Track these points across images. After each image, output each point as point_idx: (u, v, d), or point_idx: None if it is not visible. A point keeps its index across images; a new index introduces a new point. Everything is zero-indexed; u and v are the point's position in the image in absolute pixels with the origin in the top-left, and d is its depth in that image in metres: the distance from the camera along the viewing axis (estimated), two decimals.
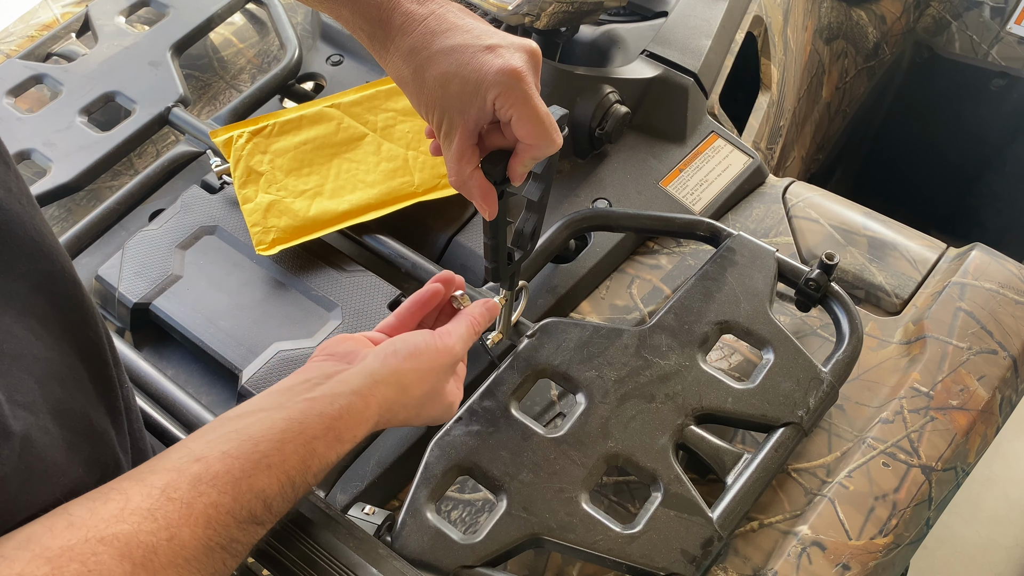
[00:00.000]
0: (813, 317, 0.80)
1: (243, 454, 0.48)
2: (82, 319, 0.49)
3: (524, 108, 0.57)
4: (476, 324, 0.64)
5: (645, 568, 0.60)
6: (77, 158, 0.93)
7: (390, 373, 0.57)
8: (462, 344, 0.62)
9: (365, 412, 0.55)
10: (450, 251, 0.86)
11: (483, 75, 0.57)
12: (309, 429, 0.51)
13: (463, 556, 0.59)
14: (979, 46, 1.47)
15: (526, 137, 0.58)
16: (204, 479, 0.46)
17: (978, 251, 0.82)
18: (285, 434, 0.50)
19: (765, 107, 1.10)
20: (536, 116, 0.58)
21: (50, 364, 0.46)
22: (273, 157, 0.87)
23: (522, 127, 0.58)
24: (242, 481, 0.47)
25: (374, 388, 0.56)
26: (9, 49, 1.09)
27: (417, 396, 0.59)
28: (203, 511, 0.45)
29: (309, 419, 0.52)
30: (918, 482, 0.68)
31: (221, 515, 0.45)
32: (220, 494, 0.46)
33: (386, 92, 0.90)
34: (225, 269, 0.83)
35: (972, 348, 0.75)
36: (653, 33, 0.96)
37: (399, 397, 0.58)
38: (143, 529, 0.42)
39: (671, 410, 0.66)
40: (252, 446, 0.48)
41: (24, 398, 0.43)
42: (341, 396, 0.54)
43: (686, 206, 0.88)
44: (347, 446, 0.53)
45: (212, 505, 0.45)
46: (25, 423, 0.42)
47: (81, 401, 0.48)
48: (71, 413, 0.47)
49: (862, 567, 0.64)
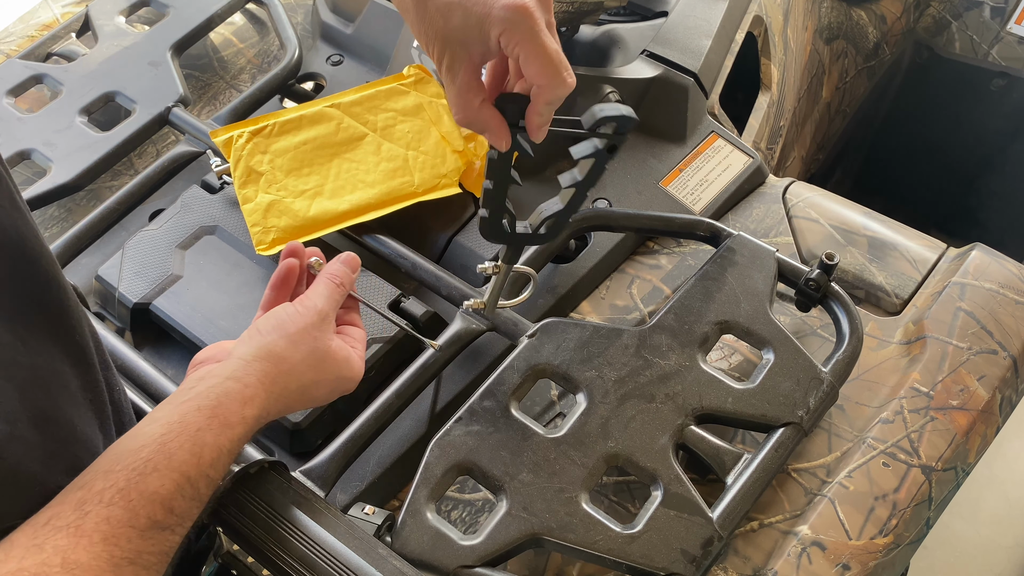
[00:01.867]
0: (813, 317, 0.80)
1: (126, 466, 0.47)
2: (68, 324, 0.49)
3: (531, 46, 0.54)
4: (335, 278, 0.64)
5: (645, 568, 0.60)
6: (77, 158, 0.93)
7: (259, 348, 0.57)
8: (323, 300, 0.62)
9: (245, 392, 0.54)
10: (450, 251, 0.87)
11: (488, 9, 0.54)
12: (190, 424, 0.51)
13: (463, 556, 0.59)
14: (979, 46, 1.47)
15: (534, 76, 0.55)
16: (88, 499, 0.45)
17: (978, 251, 0.82)
18: (166, 436, 0.49)
19: (765, 107, 1.10)
20: (544, 54, 0.54)
21: (34, 371, 0.46)
22: (273, 157, 0.87)
23: (529, 66, 0.55)
24: (130, 490, 0.46)
25: (248, 367, 0.56)
26: (9, 49, 1.09)
27: (299, 361, 0.58)
28: (95, 528, 0.44)
29: (188, 416, 0.51)
30: (918, 482, 0.68)
31: (117, 528, 0.44)
32: (109, 507, 0.45)
33: (386, 92, 0.90)
34: (225, 269, 0.83)
35: (972, 348, 0.75)
36: (653, 33, 0.96)
37: (279, 366, 0.57)
38: (26, 565, 0.41)
39: (671, 410, 0.66)
40: (133, 456, 0.48)
41: (2, 406, 0.42)
42: (216, 385, 0.54)
43: (686, 206, 0.88)
44: (239, 429, 0.53)
45: (104, 520, 0.44)
46: (0, 433, 0.42)
47: (66, 408, 0.48)
48: (54, 421, 0.46)
49: (862, 567, 0.64)
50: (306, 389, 0.59)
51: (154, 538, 0.46)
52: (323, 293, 0.62)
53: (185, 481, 0.48)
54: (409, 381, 0.71)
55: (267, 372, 0.56)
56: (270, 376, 0.56)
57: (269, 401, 0.56)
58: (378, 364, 0.75)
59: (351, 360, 0.63)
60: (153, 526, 0.46)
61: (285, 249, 0.67)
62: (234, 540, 0.59)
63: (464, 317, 0.76)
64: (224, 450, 0.52)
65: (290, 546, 0.57)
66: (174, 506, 0.47)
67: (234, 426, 0.53)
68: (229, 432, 0.52)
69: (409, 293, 0.79)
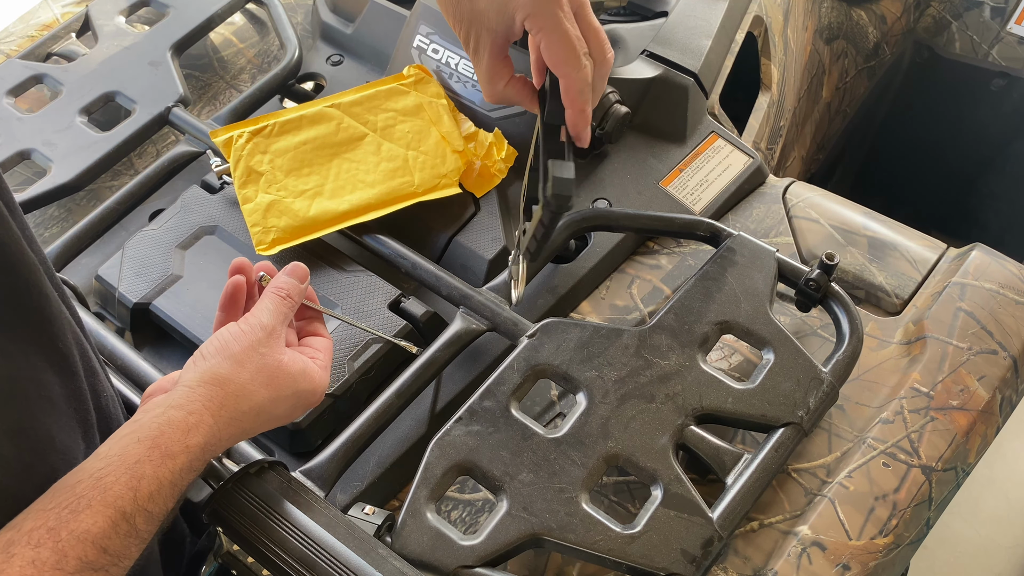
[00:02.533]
0: (813, 317, 0.80)
1: (59, 503, 0.45)
2: (50, 332, 0.48)
3: (553, 34, 0.54)
4: (280, 291, 0.61)
5: (645, 568, 0.60)
6: (77, 158, 0.93)
7: (203, 373, 0.55)
8: (268, 314, 0.59)
9: (189, 419, 0.52)
10: (450, 251, 0.87)
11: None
12: (129, 456, 0.48)
13: (463, 556, 0.59)
14: (979, 46, 1.47)
15: (551, 63, 0.56)
16: (16, 541, 0.43)
17: (978, 251, 0.82)
18: (103, 470, 0.47)
19: (765, 107, 1.10)
20: (563, 41, 0.55)
21: (12, 381, 0.45)
22: (273, 157, 0.87)
23: (548, 52, 0.55)
24: (59, 528, 0.44)
25: (191, 394, 0.53)
26: (9, 49, 1.09)
27: (247, 380, 0.56)
28: (20, 572, 0.41)
29: (128, 448, 0.49)
30: (918, 482, 0.68)
31: (43, 571, 0.42)
32: (37, 548, 0.43)
33: (386, 92, 0.90)
34: (225, 269, 0.82)
35: (972, 348, 0.75)
36: (653, 33, 0.96)
37: (226, 388, 0.55)
38: None
39: (671, 410, 0.66)
40: (68, 492, 0.46)
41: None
42: (158, 415, 0.51)
43: (686, 206, 0.88)
44: (182, 459, 0.50)
45: (30, 563, 0.42)
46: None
47: (43, 419, 0.47)
48: (30, 432, 0.45)
49: (862, 567, 0.64)
50: (262, 409, 0.57)
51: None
52: (268, 308, 0.60)
53: (120, 517, 0.46)
54: (409, 381, 0.71)
55: (213, 397, 0.54)
56: (216, 400, 0.54)
57: (219, 426, 0.53)
58: (378, 364, 0.75)
59: (308, 372, 0.60)
60: (83, 568, 0.43)
61: (232, 266, 0.65)
62: (234, 540, 0.59)
63: (464, 317, 0.76)
64: (165, 482, 0.49)
65: (290, 546, 0.57)
66: (107, 545, 0.45)
67: (176, 456, 0.50)
68: (171, 463, 0.49)
69: (409, 293, 0.79)
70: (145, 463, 0.48)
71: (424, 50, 0.93)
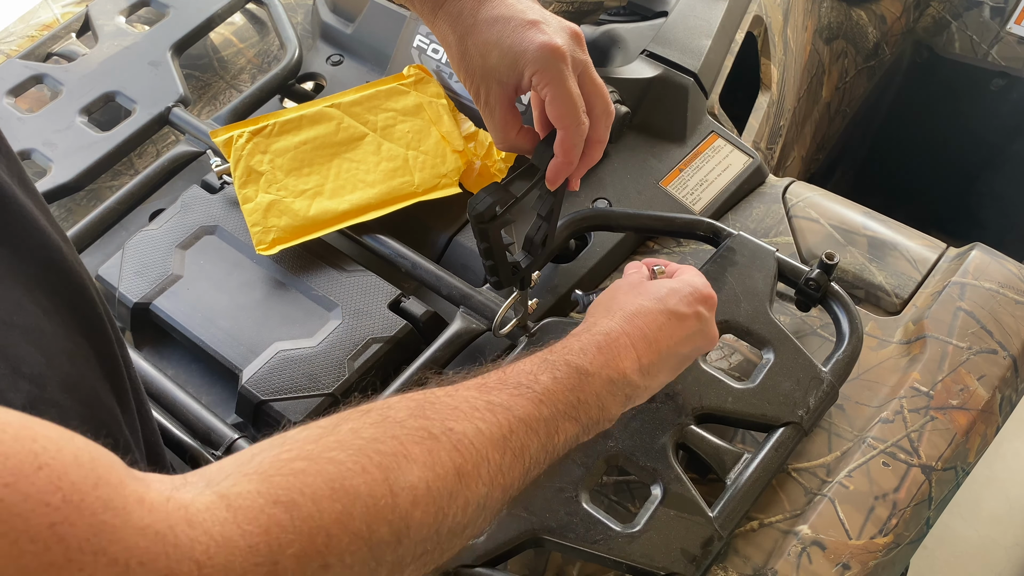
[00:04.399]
0: (813, 317, 0.80)
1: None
2: (84, 298, 0.49)
3: (558, 89, 0.58)
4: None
5: (645, 568, 0.60)
6: (77, 158, 0.93)
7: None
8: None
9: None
10: (450, 251, 0.87)
11: (523, 49, 0.58)
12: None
13: (462, 556, 0.59)
14: (979, 46, 1.47)
15: (553, 116, 0.59)
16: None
17: (978, 251, 0.82)
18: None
19: (765, 107, 1.10)
20: (567, 99, 0.58)
21: (58, 339, 0.46)
22: (273, 157, 0.87)
23: (552, 108, 0.59)
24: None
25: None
26: (9, 49, 1.09)
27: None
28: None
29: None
30: (918, 482, 0.68)
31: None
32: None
33: (386, 92, 0.90)
34: (225, 269, 0.83)
35: (972, 348, 0.75)
36: (653, 33, 0.96)
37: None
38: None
39: (671, 410, 0.66)
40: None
41: (30, 370, 0.42)
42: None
43: (686, 206, 0.88)
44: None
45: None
46: (28, 395, 0.42)
47: (89, 376, 0.48)
48: (81, 387, 0.46)
49: (862, 567, 0.64)
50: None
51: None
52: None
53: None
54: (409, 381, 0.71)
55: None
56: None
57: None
58: (378, 364, 0.75)
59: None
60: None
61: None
62: None
63: (464, 317, 0.76)
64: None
65: None
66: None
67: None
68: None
69: (409, 293, 0.79)
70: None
71: (424, 50, 0.93)
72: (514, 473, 0.46)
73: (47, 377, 0.43)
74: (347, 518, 0.36)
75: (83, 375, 0.47)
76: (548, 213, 0.66)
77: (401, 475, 0.39)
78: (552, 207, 0.66)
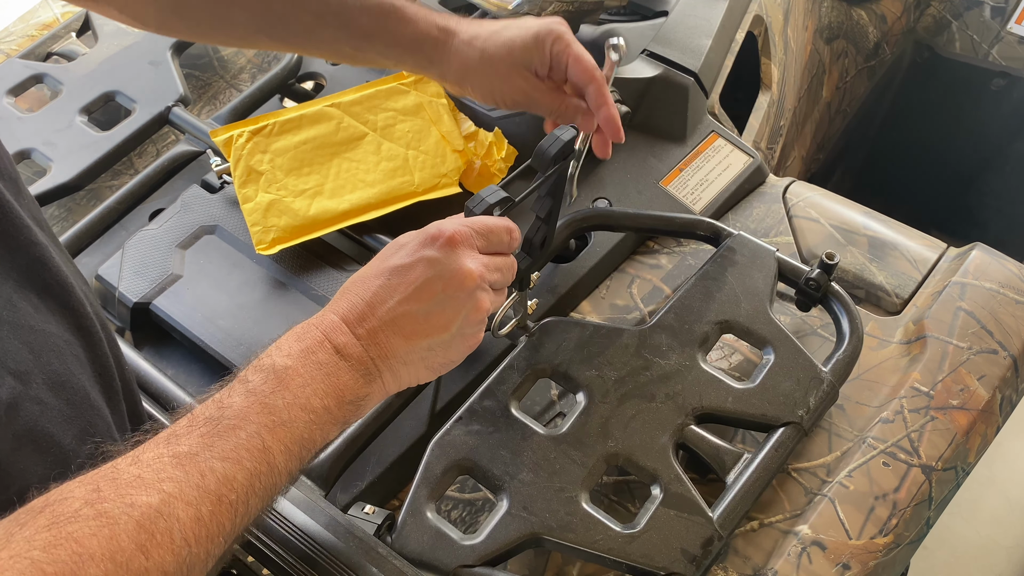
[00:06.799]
0: (813, 317, 0.80)
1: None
2: (74, 298, 0.49)
3: (578, 47, 0.68)
4: None
5: (645, 568, 0.59)
6: (77, 158, 0.93)
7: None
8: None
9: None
10: None
11: (536, 30, 0.68)
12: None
13: (463, 556, 0.59)
14: (979, 46, 1.47)
15: (585, 71, 0.68)
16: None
17: (978, 251, 0.82)
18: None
19: (765, 107, 1.10)
20: (586, 54, 0.68)
21: (47, 336, 0.46)
22: (273, 156, 0.87)
23: (579, 65, 0.68)
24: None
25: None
26: (9, 49, 1.09)
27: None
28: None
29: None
30: (918, 482, 0.68)
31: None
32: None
33: (386, 92, 0.90)
34: (225, 269, 0.83)
35: (972, 348, 0.75)
36: (653, 33, 0.96)
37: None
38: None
39: (671, 410, 0.66)
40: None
41: (17, 366, 0.43)
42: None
43: (686, 206, 0.88)
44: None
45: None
46: (12, 391, 0.42)
47: (79, 376, 0.48)
48: (68, 385, 0.46)
49: (862, 567, 0.64)
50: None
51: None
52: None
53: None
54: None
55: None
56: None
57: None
58: None
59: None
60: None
61: None
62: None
63: None
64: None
65: (290, 545, 0.57)
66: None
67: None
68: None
69: None
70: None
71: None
72: (222, 518, 0.43)
73: (33, 374, 0.44)
74: None
75: (72, 374, 0.47)
76: (547, 215, 0.66)
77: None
78: (551, 209, 0.65)
